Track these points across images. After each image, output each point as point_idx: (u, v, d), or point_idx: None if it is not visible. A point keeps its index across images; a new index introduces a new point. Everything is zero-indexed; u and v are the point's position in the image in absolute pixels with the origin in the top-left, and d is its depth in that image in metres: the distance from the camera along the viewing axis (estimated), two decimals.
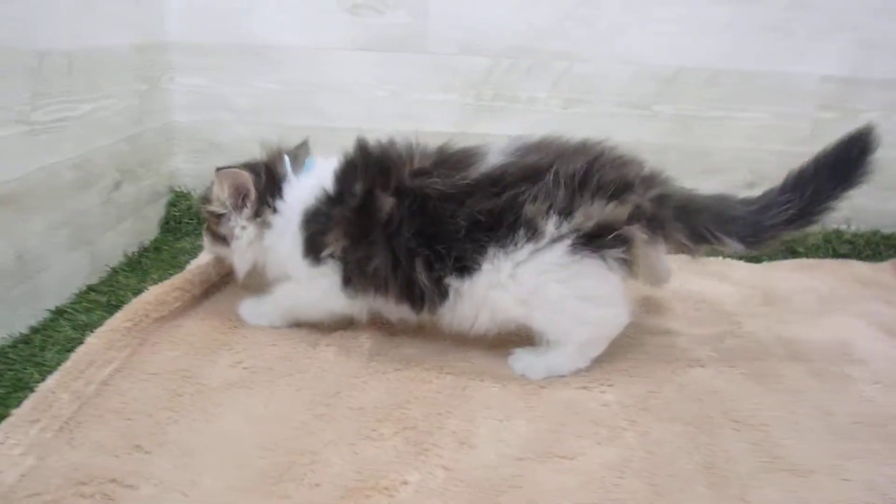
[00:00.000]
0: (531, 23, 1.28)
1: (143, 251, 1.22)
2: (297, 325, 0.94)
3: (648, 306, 1.07)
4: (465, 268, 0.80)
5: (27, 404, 0.73)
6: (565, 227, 0.78)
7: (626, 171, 0.81)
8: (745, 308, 1.08)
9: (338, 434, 0.72)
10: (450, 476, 0.67)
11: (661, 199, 0.81)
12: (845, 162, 0.80)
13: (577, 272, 0.79)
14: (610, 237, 0.78)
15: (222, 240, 0.92)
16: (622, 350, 0.92)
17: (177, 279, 0.99)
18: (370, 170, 0.84)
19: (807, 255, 1.31)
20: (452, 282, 0.81)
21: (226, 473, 0.66)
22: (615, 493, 0.66)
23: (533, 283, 0.80)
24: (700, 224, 0.81)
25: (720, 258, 1.27)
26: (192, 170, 1.37)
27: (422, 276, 0.80)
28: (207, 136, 1.36)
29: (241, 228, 0.89)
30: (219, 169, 0.89)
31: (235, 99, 1.35)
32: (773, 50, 1.28)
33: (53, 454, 0.67)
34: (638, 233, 0.80)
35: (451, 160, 0.83)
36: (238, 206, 0.89)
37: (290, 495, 0.63)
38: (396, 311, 0.87)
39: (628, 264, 0.80)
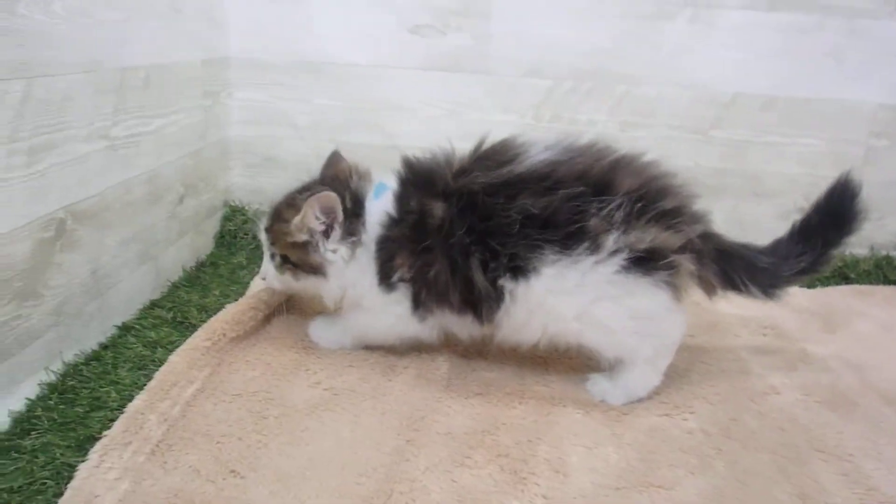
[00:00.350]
0: (594, 46, 1.29)
1: (200, 266, 1.22)
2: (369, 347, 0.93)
3: (716, 331, 1.07)
4: (519, 268, 0.80)
5: (118, 426, 0.72)
6: (622, 242, 0.78)
7: (684, 202, 0.82)
8: (809, 334, 1.08)
9: (431, 461, 0.72)
10: None
11: (706, 237, 0.83)
12: (841, 210, 0.86)
13: (629, 291, 0.79)
14: (661, 262, 0.79)
15: (313, 270, 0.87)
16: (698, 376, 0.92)
17: (250, 298, 0.98)
18: (418, 183, 0.85)
19: (858, 282, 1.31)
20: (507, 283, 0.80)
21: (327, 501, 0.65)
22: None
23: (593, 294, 0.80)
24: (733, 270, 0.85)
25: None
26: (247, 184, 1.36)
27: (478, 276, 0.80)
28: (263, 151, 1.36)
29: (333, 252, 0.86)
30: (301, 196, 0.88)
31: (295, 115, 1.35)
32: (829, 77, 1.29)
33: (148, 478, 0.66)
34: (686, 262, 0.81)
35: (488, 154, 0.84)
36: (326, 231, 0.86)
37: None
38: (461, 323, 0.86)
39: (674, 287, 0.81)
